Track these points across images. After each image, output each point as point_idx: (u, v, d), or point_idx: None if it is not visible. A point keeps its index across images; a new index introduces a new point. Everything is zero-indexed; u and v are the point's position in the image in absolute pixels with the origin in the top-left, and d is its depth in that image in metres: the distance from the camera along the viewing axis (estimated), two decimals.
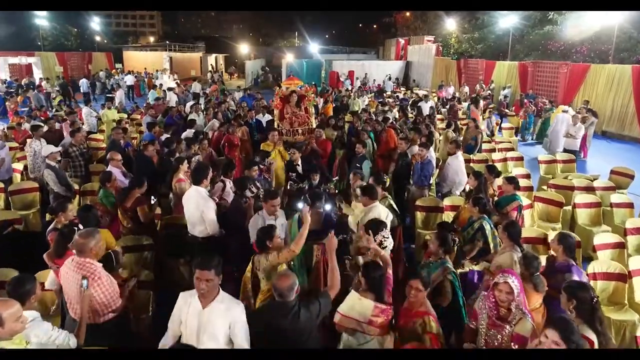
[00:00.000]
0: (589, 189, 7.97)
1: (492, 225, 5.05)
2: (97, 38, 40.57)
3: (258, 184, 5.63)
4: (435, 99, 19.61)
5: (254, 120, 11.09)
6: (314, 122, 9.05)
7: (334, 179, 8.95)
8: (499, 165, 10.12)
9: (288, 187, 6.55)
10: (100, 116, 13.17)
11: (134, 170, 7.02)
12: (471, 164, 9.83)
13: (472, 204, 5.10)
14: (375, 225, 4.23)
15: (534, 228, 6.05)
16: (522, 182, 7.67)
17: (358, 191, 5.32)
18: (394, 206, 5.57)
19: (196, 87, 22.28)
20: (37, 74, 26.46)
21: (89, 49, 37.52)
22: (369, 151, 9.29)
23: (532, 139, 15.58)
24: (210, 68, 41.32)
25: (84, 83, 22.85)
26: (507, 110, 18.35)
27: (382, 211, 4.82)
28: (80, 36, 42.96)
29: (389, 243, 4.34)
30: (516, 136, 15.01)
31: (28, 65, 26.97)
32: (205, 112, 12.25)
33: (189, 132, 9.39)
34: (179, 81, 26.63)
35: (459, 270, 4.93)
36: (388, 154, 9.09)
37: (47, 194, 7.00)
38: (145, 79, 28.62)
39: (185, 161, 6.42)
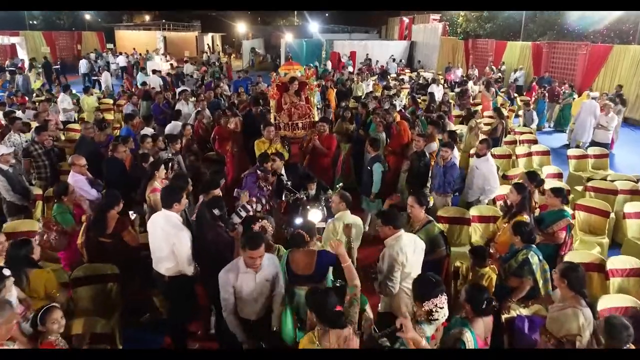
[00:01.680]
0: (635, 193, 6.91)
1: (540, 258, 3.97)
2: (88, 17, 38.77)
3: (248, 207, 4.50)
4: (442, 82, 18.36)
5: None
6: (317, 114, 7.88)
7: (337, 178, 7.93)
8: (521, 162, 9.06)
9: (283, 197, 5.45)
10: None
11: (104, 179, 5.93)
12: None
13: (513, 232, 4.03)
14: (424, 288, 2.93)
15: (586, 252, 4.98)
16: (554, 184, 6.61)
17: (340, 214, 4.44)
18: (445, 235, 4.45)
19: (188, 69, 20.96)
20: (23, 56, 25.06)
21: (81, 28, 35.89)
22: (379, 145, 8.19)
23: (549, 127, 14.40)
24: (206, 48, 39.73)
25: (83, 64, 21.40)
26: (516, 94, 17.16)
27: (408, 244, 3.72)
28: (72, 14, 41.13)
29: (442, 315, 2.91)
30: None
31: (12, 45, 25.54)
32: (196, 99, 11.08)
33: (172, 126, 8.24)
34: (174, 63, 25.14)
35: (504, 316, 3.89)
36: (400, 151, 7.99)
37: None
38: (139, 61, 27.22)
39: (162, 166, 5.33)
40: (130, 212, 5.43)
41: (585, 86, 16.37)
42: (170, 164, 5.79)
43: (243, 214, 4.28)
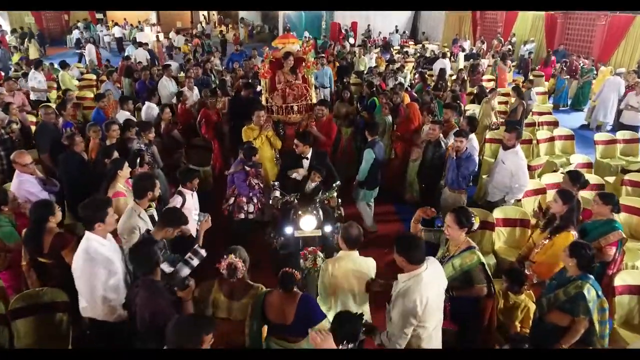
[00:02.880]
0: None
1: (599, 293, 3.11)
2: None
3: (202, 252, 3.28)
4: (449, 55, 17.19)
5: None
6: (315, 96, 6.91)
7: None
8: (543, 148, 8.13)
9: (271, 201, 4.57)
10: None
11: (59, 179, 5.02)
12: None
13: (569, 253, 3.15)
14: None
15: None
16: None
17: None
18: (487, 268, 3.42)
19: (178, 40, 19.69)
20: (6, 27, 23.69)
21: None
22: (383, 131, 7.28)
23: (565, 106, 13.35)
24: (202, 19, 38.06)
25: (75, 35, 19.99)
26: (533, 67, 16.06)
27: (430, 286, 2.78)
28: None
29: None
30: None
31: None
32: (186, 75, 10.05)
33: (147, 109, 7.28)
34: (161, 33, 23.75)
35: None
36: (410, 136, 7.08)
37: None
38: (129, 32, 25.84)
39: (127, 164, 4.43)
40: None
41: (603, 60, 15.24)
42: (139, 158, 4.90)
43: (195, 262, 3.23)
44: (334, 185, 4.46)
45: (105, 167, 4.59)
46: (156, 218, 4.00)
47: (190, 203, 4.38)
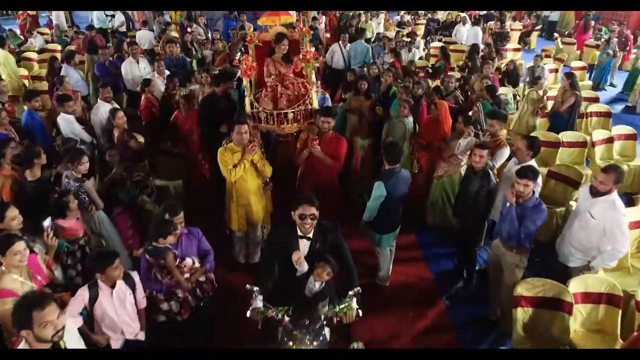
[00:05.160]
0: None
1: None
2: None
3: None
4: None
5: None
6: (316, 98, 5.18)
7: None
8: (599, 151, 6.54)
9: (249, 313, 2.82)
10: None
11: None
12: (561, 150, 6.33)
13: None
14: None
15: None
16: None
17: None
18: None
19: None
20: None
21: None
22: (402, 137, 5.69)
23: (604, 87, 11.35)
24: None
25: None
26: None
27: None
28: None
29: None
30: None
31: None
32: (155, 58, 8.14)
33: (96, 112, 5.63)
34: None
35: None
36: (437, 145, 5.51)
37: None
38: None
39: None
40: None
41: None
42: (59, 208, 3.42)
43: None
44: (351, 292, 2.87)
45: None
46: None
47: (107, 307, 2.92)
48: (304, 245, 3.03)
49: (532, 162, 4.09)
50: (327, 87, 7.53)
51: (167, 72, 7.25)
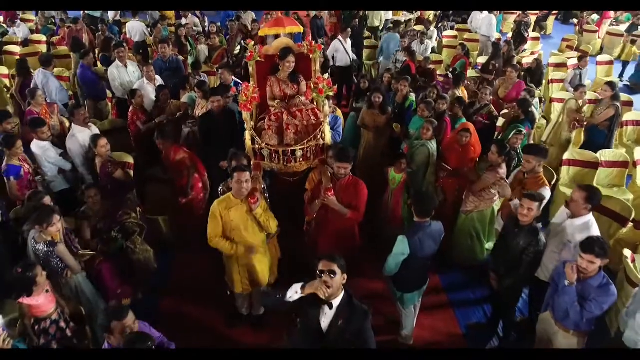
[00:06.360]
0: None
1: None
2: None
3: None
4: None
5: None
6: (329, 132, 4.41)
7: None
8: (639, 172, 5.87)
9: None
10: None
11: None
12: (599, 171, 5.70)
13: None
14: None
15: None
16: None
17: None
18: None
19: None
20: None
21: None
22: (425, 163, 5.00)
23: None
24: None
25: None
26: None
27: None
28: None
29: None
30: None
31: None
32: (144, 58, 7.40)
33: (72, 140, 4.92)
34: None
35: None
36: (463, 172, 4.84)
37: None
38: None
39: None
40: None
41: None
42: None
43: None
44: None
45: None
46: None
47: None
48: (325, 313, 2.57)
49: (590, 216, 3.43)
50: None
51: (159, 78, 6.50)
